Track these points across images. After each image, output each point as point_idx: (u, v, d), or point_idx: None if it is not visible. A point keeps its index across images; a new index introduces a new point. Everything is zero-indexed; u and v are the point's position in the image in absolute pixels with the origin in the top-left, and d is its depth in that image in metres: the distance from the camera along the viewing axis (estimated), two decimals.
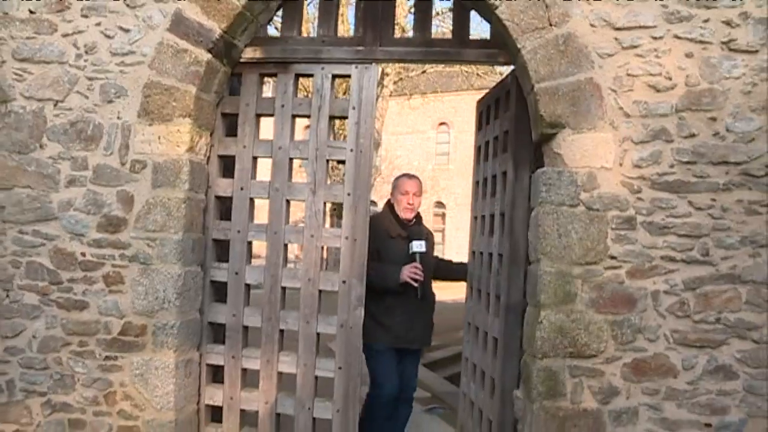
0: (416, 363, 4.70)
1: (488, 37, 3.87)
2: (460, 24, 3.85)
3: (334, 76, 3.93)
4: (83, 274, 3.79)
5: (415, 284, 4.23)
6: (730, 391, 3.34)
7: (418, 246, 4.30)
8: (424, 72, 18.75)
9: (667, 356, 3.36)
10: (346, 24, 14.13)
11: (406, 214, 4.44)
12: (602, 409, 3.37)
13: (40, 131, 3.85)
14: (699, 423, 3.35)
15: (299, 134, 4.01)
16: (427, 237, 4.55)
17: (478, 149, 4.62)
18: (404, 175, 4.65)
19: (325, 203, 3.88)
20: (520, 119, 3.77)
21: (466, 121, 26.23)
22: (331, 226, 9.49)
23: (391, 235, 4.40)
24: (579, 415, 3.37)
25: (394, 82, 18.11)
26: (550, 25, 3.43)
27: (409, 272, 4.22)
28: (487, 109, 4.45)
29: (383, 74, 16.64)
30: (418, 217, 4.58)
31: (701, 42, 3.36)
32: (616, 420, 3.37)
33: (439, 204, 30.39)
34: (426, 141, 28.31)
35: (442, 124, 28.13)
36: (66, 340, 3.81)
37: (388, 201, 4.61)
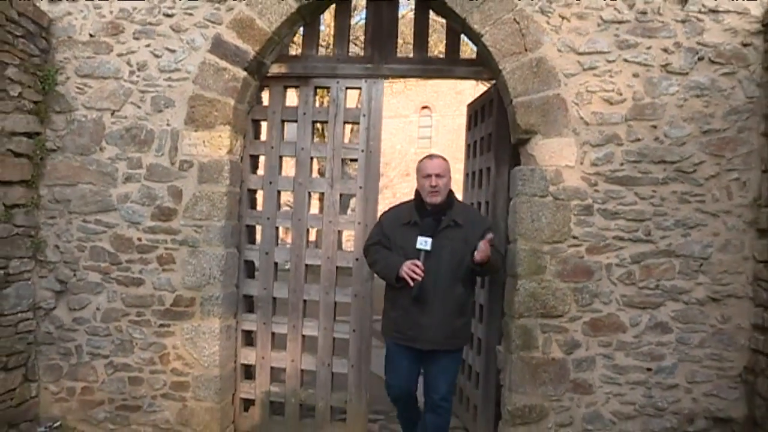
0: (445, 366, 4.10)
1: (474, 56, 4.88)
2: (452, 46, 4.85)
3: (347, 89, 4.91)
4: (139, 256, 4.76)
5: (411, 283, 3.86)
6: (666, 342, 4.41)
7: (422, 243, 3.92)
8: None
9: (617, 316, 4.42)
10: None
11: (432, 199, 4.02)
12: (567, 358, 4.43)
13: (100, 136, 4.80)
14: (642, 368, 4.42)
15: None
16: (458, 224, 4.03)
17: (468, 146, 5.65)
18: (426, 156, 4.25)
19: (341, 195, 4.87)
20: (500, 125, 4.79)
21: (447, 104, 27.22)
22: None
23: (403, 222, 4.12)
24: (548, 363, 4.42)
25: None
26: (526, 50, 4.45)
27: (408, 269, 3.88)
28: (476, 113, 5.47)
29: None
30: (450, 201, 4.11)
31: (645, 65, 4.39)
32: (577, 367, 4.43)
33: None
34: (408, 125, 29.22)
35: (424, 108, 29.08)
36: (125, 311, 4.78)
37: (417, 189, 4.21)
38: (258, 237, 5.12)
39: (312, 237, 5.23)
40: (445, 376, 4.09)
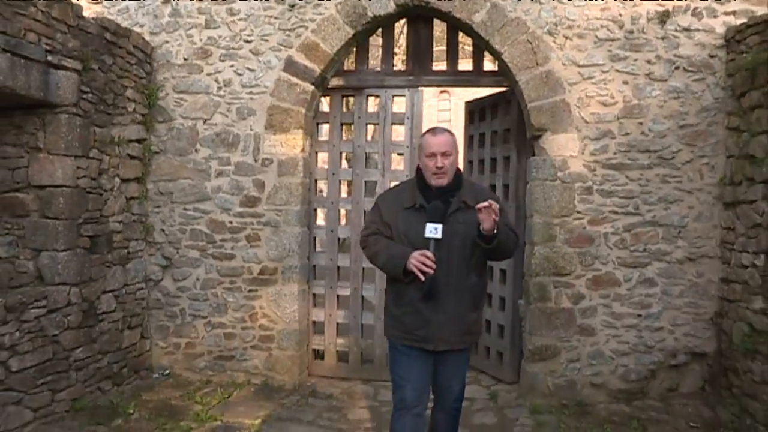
0: (457, 368, 3.89)
1: (495, 69, 6.33)
2: (477, 61, 6.30)
3: (394, 96, 6.38)
4: (231, 236, 6.26)
5: (422, 277, 3.50)
6: (652, 294, 5.87)
7: (432, 231, 3.55)
8: None
9: (613, 273, 5.88)
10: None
11: (437, 181, 3.65)
12: (574, 307, 5.90)
13: (195, 140, 6.28)
14: (634, 314, 5.88)
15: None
16: (468, 206, 3.63)
17: (470, 138, 7.12)
18: (428, 131, 3.81)
19: (391, 182, 6.34)
20: (519, 123, 6.24)
21: (466, 88, 28.32)
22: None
23: (405, 206, 3.74)
24: (560, 311, 5.90)
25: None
26: (537, 64, 5.88)
27: (417, 261, 3.50)
28: (480, 110, 6.92)
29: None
30: (458, 181, 3.75)
31: (633, 74, 5.82)
32: (582, 314, 5.90)
33: None
34: (428, 108, 30.19)
35: (443, 92, 30.23)
36: (220, 280, 6.30)
37: (419, 166, 3.83)
38: (320, 218, 6.63)
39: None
40: (458, 378, 3.92)
